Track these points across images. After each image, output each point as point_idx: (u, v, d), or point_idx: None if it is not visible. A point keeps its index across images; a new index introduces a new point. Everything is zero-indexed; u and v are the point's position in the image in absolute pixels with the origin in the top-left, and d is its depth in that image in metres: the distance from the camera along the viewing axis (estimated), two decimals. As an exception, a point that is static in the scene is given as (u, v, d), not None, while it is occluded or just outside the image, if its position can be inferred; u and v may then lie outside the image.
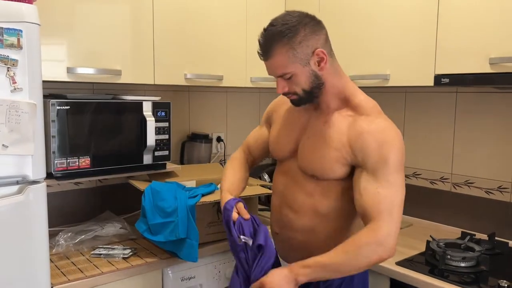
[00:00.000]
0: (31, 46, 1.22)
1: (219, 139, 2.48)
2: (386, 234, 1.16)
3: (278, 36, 1.22)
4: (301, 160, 1.37)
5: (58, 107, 1.57)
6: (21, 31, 1.19)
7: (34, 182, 1.27)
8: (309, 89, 1.28)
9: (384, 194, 1.19)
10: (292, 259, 1.36)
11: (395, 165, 1.20)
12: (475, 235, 1.85)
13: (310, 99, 1.31)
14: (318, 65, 1.25)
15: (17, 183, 1.25)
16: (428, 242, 1.76)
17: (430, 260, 1.66)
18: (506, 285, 1.43)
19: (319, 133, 1.33)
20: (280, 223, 1.44)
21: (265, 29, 1.26)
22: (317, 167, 1.31)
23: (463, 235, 1.86)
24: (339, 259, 1.18)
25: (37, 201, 1.27)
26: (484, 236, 1.87)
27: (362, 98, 1.31)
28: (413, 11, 1.79)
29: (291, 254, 1.42)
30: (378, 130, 1.23)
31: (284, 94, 1.31)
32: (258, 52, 1.29)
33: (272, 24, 1.25)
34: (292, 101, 1.34)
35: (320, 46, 1.25)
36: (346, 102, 1.32)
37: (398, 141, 1.22)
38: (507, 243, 1.81)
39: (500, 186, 1.91)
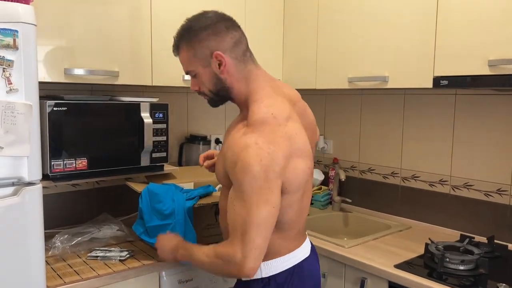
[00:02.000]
0: (27, 46, 1.21)
1: (217, 141, 2.47)
2: (240, 255, 1.15)
3: (184, 33, 1.27)
4: None
5: (54, 108, 1.56)
6: (17, 31, 1.18)
7: (30, 183, 1.26)
8: (215, 91, 1.30)
9: (238, 213, 1.16)
10: None
11: (249, 188, 1.14)
12: (474, 238, 1.85)
13: (221, 100, 1.34)
14: (219, 68, 1.25)
15: (13, 184, 1.23)
16: (426, 244, 1.75)
17: (429, 263, 1.65)
18: (505, 289, 1.42)
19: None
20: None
21: (181, 26, 1.31)
22: (217, 176, 1.36)
23: (462, 238, 1.86)
24: (202, 259, 1.27)
25: (32, 202, 1.26)
26: (483, 239, 1.86)
27: (254, 108, 1.23)
28: (412, 13, 1.78)
29: None
30: (238, 147, 1.17)
31: (198, 93, 1.35)
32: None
33: (186, 20, 1.30)
34: (208, 102, 1.37)
35: (222, 49, 1.24)
36: (246, 109, 1.28)
37: (253, 165, 1.13)
38: (506, 246, 1.80)
39: (499, 189, 1.91)
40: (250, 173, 1.13)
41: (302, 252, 1.37)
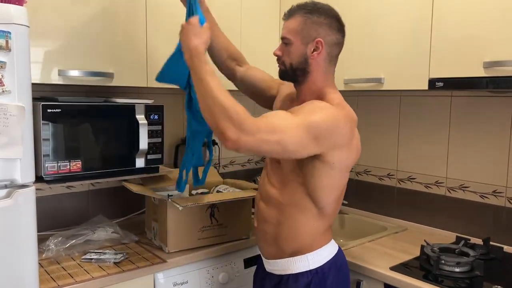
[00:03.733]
0: (20, 48, 1.20)
1: (213, 143, 2.46)
2: (251, 124, 1.17)
3: (304, 7, 1.37)
4: None
5: (48, 110, 1.55)
6: (9, 33, 1.17)
7: (23, 186, 1.25)
8: (295, 66, 1.37)
9: (278, 115, 1.25)
10: (266, 254, 1.49)
11: (302, 116, 1.24)
12: (469, 239, 1.84)
13: (292, 77, 1.41)
14: (312, 52, 1.35)
15: (5, 187, 1.22)
16: (422, 246, 1.75)
17: (425, 265, 1.65)
18: (500, 291, 1.42)
19: None
20: (257, 216, 1.52)
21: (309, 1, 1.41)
22: None
23: (458, 239, 1.86)
24: (212, 84, 1.21)
25: (26, 205, 1.25)
26: (479, 241, 1.86)
27: (334, 97, 1.37)
28: (407, 14, 1.78)
29: (265, 248, 1.49)
30: (316, 102, 1.32)
31: (277, 58, 1.42)
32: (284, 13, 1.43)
33: (311, 0, 1.41)
34: (279, 71, 1.44)
35: (325, 40, 1.35)
36: (319, 99, 1.38)
37: (322, 110, 1.27)
38: (502, 248, 1.80)
39: (494, 191, 1.91)
40: (315, 112, 1.25)
41: (335, 244, 1.48)
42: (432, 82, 1.70)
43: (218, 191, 1.97)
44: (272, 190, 1.44)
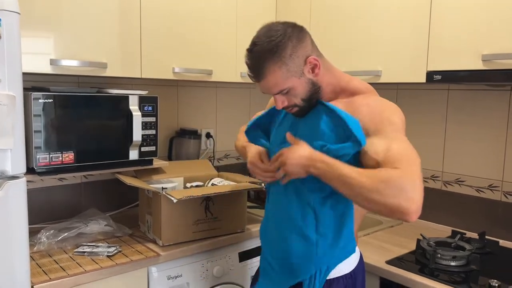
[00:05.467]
0: (10, 35, 1.17)
1: (208, 135, 2.44)
2: (410, 182, 1.04)
3: (267, 55, 1.18)
4: None
5: (40, 100, 1.52)
6: (-1, 19, 1.14)
7: (14, 177, 1.22)
8: (308, 97, 1.24)
9: (397, 147, 1.11)
10: None
11: (400, 126, 1.17)
12: (465, 233, 1.84)
13: (311, 106, 1.27)
14: (313, 72, 1.23)
15: (-5, 178, 1.20)
16: (418, 240, 1.74)
17: (421, 259, 1.64)
18: (496, 285, 1.41)
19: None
20: None
21: (250, 50, 1.22)
22: None
23: (454, 233, 1.85)
24: (360, 178, 1.06)
25: (16, 197, 1.23)
26: (475, 235, 1.86)
27: (356, 83, 1.29)
28: (405, 7, 1.76)
29: None
30: (375, 102, 1.22)
31: (285, 108, 1.27)
32: (248, 75, 1.25)
33: (255, 43, 1.21)
34: (293, 114, 1.30)
35: (310, 52, 1.23)
36: (341, 92, 1.29)
37: (397, 109, 1.21)
38: (498, 242, 1.80)
39: (490, 185, 1.90)
40: (401, 117, 1.19)
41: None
42: (430, 75, 1.68)
43: (213, 184, 1.95)
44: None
